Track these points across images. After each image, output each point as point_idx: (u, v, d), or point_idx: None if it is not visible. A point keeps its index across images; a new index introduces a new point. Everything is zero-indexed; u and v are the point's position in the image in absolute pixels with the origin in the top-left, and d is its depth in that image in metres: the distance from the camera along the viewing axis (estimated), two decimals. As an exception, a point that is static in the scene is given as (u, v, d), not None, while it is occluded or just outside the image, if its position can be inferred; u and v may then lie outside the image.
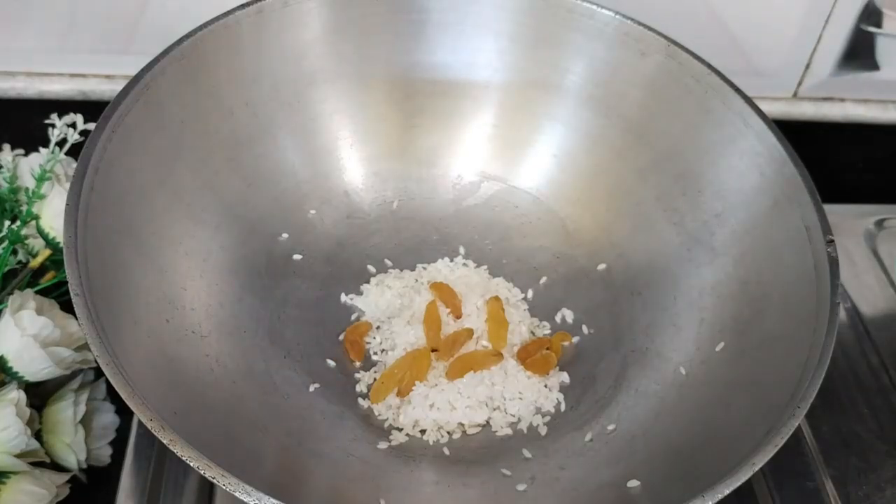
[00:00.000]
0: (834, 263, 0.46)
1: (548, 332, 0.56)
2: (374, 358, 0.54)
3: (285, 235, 0.58)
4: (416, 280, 0.57)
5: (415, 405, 0.51)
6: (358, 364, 0.54)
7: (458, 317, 0.54)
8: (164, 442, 0.37)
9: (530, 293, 0.58)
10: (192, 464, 0.37)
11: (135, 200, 0.48)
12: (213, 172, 0.54)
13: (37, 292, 0.50)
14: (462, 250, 0.60)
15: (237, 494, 0.36)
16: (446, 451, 0.50)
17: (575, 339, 0.56)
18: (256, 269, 0.56)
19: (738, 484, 0.39)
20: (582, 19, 0.57)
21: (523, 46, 0.59)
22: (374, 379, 0.53)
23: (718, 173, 0.54)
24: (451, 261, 0.59)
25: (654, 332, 0.54)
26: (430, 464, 0.49)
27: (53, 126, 0.58)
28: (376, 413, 0.52)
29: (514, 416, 0.52)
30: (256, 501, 0.36)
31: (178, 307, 0.49)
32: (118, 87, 0.48)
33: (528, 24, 0.58)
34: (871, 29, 0.71)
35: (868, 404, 0.60)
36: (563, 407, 0.52)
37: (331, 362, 0.54)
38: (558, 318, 0.57)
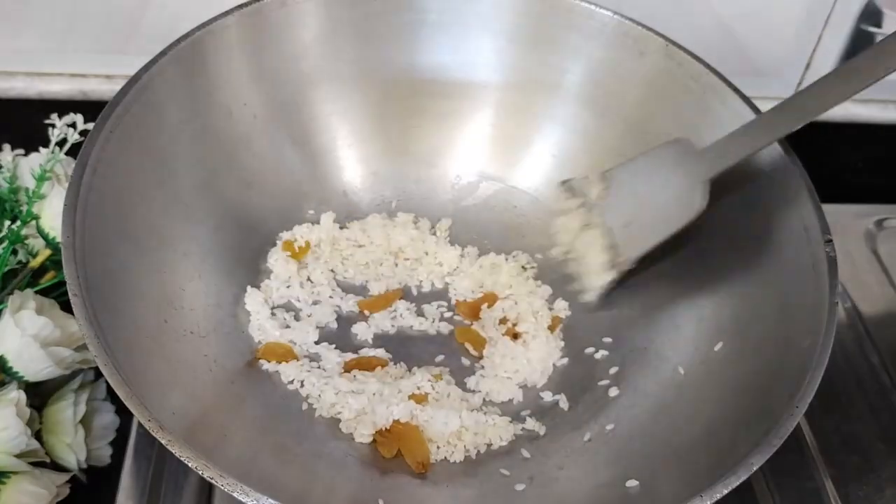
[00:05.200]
0: (832, 263, 0.46)
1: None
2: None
3: (284, 235, 0.58)
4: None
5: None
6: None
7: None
8: (162, 442, 0.37)
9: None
10: (190, 464, 0.37)
11: (133, 201, 0.48)
12: (211, 172, 0.54)
13: (37, 292, 0.50)
14: (460, 250, 0.60)
15: (235, 495, 0.36)
16: (445, 451, 0.50)
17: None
18: (255, 270, 0.56)
19: (737, 484, 0.39)
20: (580, 19, 0.57)
21: (522, 46, 0.59)
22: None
23: (717, 173, 0.54)
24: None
25: (653, 332, 0.54)
26: (428, 463, 0.49)
27: (53, 126, 0.58)
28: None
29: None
30: (255, 501, 0.36)
31: (177, 307, 0.49)
32: (118, 87, 0.48)
33: (527, 24, 0.58)
34: (871, 29, 0.71)
35: (868, 404, 0.60)
36: (562, 406, 0.52)
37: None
38: (557, 318, 0.57)
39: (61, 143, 0.58)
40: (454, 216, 0.61)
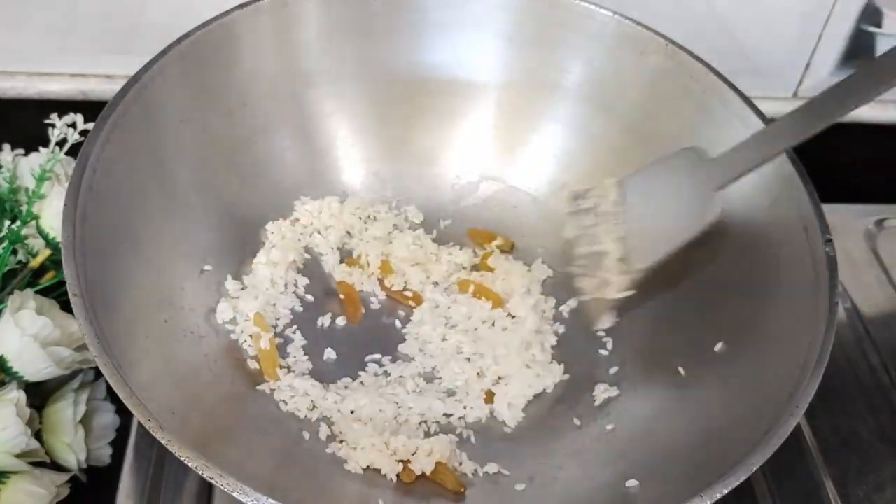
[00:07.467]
0: (832, 263, 0.46)
1: None
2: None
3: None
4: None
5: None
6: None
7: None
8: (162, 442, 0.37)
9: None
10: (189, 464, 0.37)
11: (133, 201, 0.48)
12: (211, 172, 0.54)
13: (37, 292, 0.50)
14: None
15: (235, 495, 0.36)
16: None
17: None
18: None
19: (737, 484, 0.39)
20: (581, 19, 0.57)
21: (522, 46, 0.59)
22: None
23: (717, 173, 0.54)
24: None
25: (654, 332, 0.54)
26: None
27: (53, 126, 0.58)
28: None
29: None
30: (254, 502, 0.36)
31: (177, 307, 0.49)
32: (118, 87, 0.48)
33: (528, 24, 0.58)
34: (871, 29, 0.71)
35: (868, 404, 0.60)
36: (563, 406, 0.52)
37: (330, 360, 0.54)
38: (557, 318, 0.57)
39: (61, 143, 0.58)
40: (454, 216, 0.61)
